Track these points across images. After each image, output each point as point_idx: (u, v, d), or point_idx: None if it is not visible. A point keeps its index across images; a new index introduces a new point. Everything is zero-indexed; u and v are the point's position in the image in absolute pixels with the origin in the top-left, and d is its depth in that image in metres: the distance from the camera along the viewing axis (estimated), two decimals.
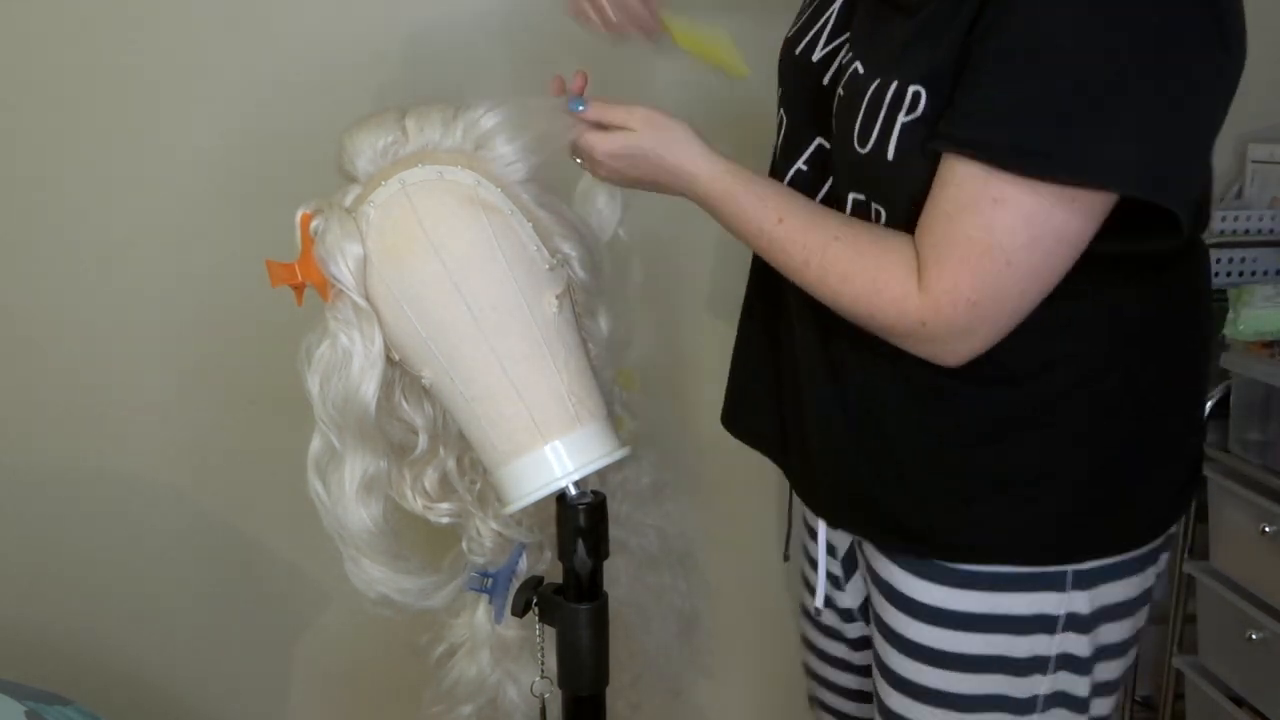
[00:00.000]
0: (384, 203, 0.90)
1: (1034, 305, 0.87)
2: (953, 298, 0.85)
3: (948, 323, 0.86)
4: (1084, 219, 0.84)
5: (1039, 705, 1.01)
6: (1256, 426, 1.57)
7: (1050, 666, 1.00)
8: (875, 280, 0.89)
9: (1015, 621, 0.98)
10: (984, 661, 1.00)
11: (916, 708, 1.03)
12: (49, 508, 1.72)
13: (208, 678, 1.82)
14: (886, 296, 0.88)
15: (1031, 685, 1.00)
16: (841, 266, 0.90)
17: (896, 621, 1.03)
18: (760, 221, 0.94)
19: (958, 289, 0.85)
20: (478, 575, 1.00)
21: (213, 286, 1.65)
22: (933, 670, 1.01)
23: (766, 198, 0.95)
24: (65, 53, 1.57)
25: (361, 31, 1.62)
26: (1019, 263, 0.84)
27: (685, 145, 0.96)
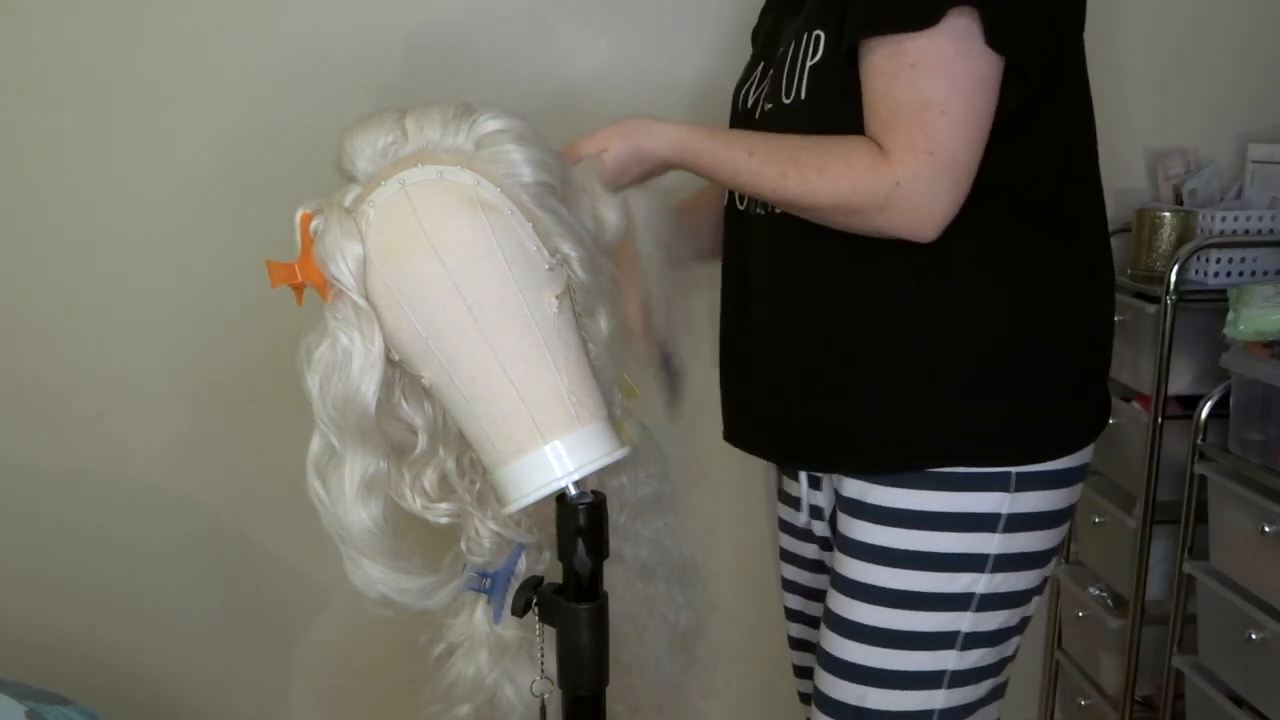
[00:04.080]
0: (384, 203, 0.90)
1: (979, 149, 1.00)
2: (913, 152, 0.98)
3: (915, 175, 0.98)
4: (982, 58, 0.98)
5: (974, 603, 1.12)
6: (1256, 426, 1.57)
7: (989, 565, 1.11)
8: (847, 160, 1.01)
9: (962, 519, 1.10)
10: (928, 558, 1.10)
11: (860, 607, 1.13)
12: (49, 508, 1.72)
13: (208, 678, 1.82)
14: (860, 169, 1.00)
15: (969, 582, 1.11)
16: (816, 161, 1.02)
17: (848, 526, 1.14)
18: (734, 161, 1.06)
19: (913, 144, 0.98)
20: (476, 575, 1.00)
21: (213, 286, 1.66)
22: (875, 568, 1.12)
23: (732, 141, 1.09)
24: (65, 53, 1.58)
25: (362, 32, 1.62)
26: (951, 109, 0.98)
27: (650, 132, 1.08)
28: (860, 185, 1.01)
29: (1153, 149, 1.85)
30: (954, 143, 0.99)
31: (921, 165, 0.98)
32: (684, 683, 1.19)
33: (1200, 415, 1.65)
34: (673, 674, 1.16)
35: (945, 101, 0.98)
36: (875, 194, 1.00)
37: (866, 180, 1.00)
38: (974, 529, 1.10)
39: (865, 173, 1.00)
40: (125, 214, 1.64)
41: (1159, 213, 1.71)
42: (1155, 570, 1.76)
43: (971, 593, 1.11)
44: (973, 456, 1.10)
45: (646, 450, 1.08)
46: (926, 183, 0.99)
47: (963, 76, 0.98)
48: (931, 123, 0.98)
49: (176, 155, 1.62)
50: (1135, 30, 1.77)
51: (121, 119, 1.60)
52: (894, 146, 0.99)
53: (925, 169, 0.98)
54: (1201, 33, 1.78)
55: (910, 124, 0.98)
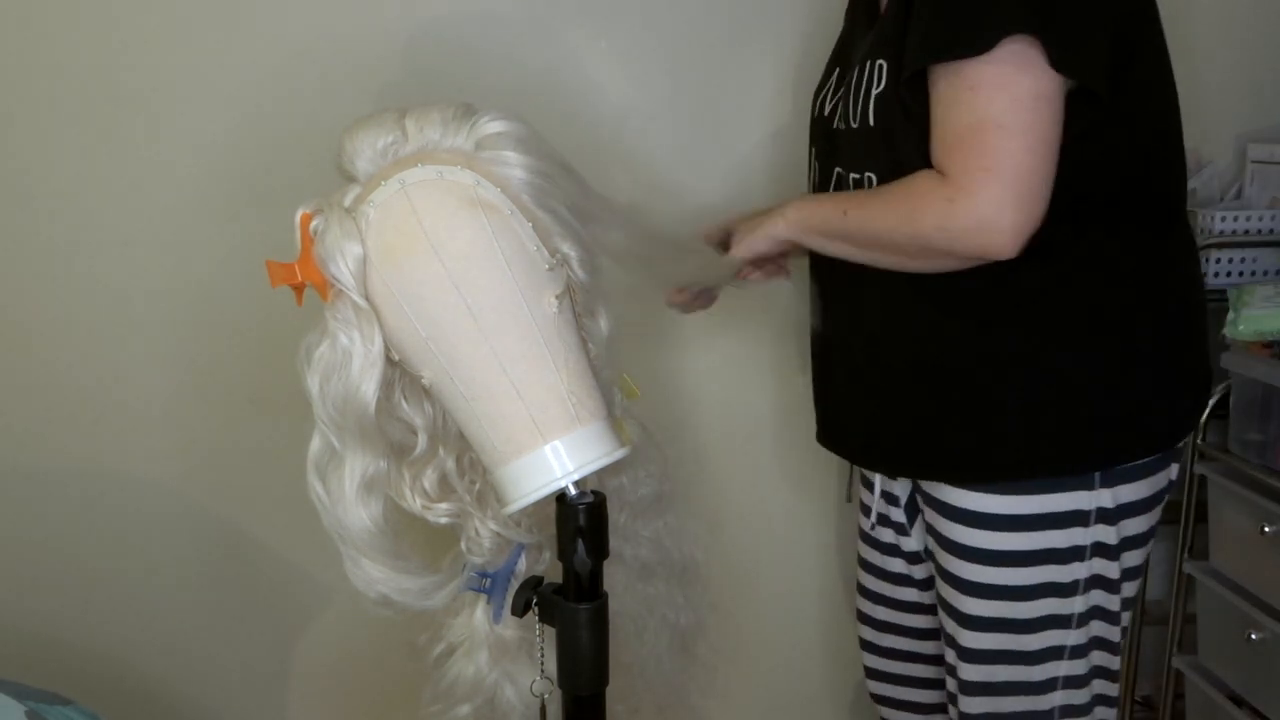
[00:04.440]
0: (384, 203, 0.90)
1: (1045, 163, 0.99)
2: (967, 171, 0.98)
3: (970, 193, 0.98)
4: (1044, 76, 0.97)
5: (1080, 588, 1.17)
6: (1256, 426, 1.57)
7: (1087, 554, 1.16)
8: (909, 190, 1.04)
9: (1055, 518, 1.14)
10: (1033, 555, 1.15)
11: (979, 604, 1.18)
12: (49, 507, 1.72)
13: (207, 677, 1.82)
14: (917, 194, 1.02)
15: (1073, 571, 1.16)
16: (880, 197, 1.07)
17: (952, 531, 1.18)
18: (833, 221, 1.12)
19: (968, 164, 0.98)
20: (476, 575, 1.00)
21: (213, 286, 1.66)
22: (989, 569, 1.16)
23: (822, 203, 1.16)
24: (65, 52, 1.57)
25: (362, 32, 1.62)
26: (1009, 123, 0.97)
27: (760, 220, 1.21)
28: (918, 209, 1.02)
29: None
30: (1014, 157, 0.97)
31: (976, 183, 0.98)
32: (684, 683, 1.19)
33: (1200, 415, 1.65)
34: (673, 674, 1.16)
35: (1003, 117, 0.97)
36: (932, 212, 1.01)
37: (923, 202, 1.01)
38: (1063, 525, 1.15)
39: (923, 195, 1.01)
40: (125, 214, 1.63)
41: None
42: (1155, 570, 1.76)
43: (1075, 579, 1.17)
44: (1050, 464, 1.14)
45: (646, 450, 1.08)
46: (985, 199, 0.98)
47: (1024, 92, 0.97)
48: (988, 140, 0.97)
49: (176, 155, 1.62)
50: None
51: (121, 119, 1.60)
52: (952, 169, 1.00)
53: (981, 186, 0.98)
54: (1202, 33, 1.78)
55: (966, 145, 0.98)
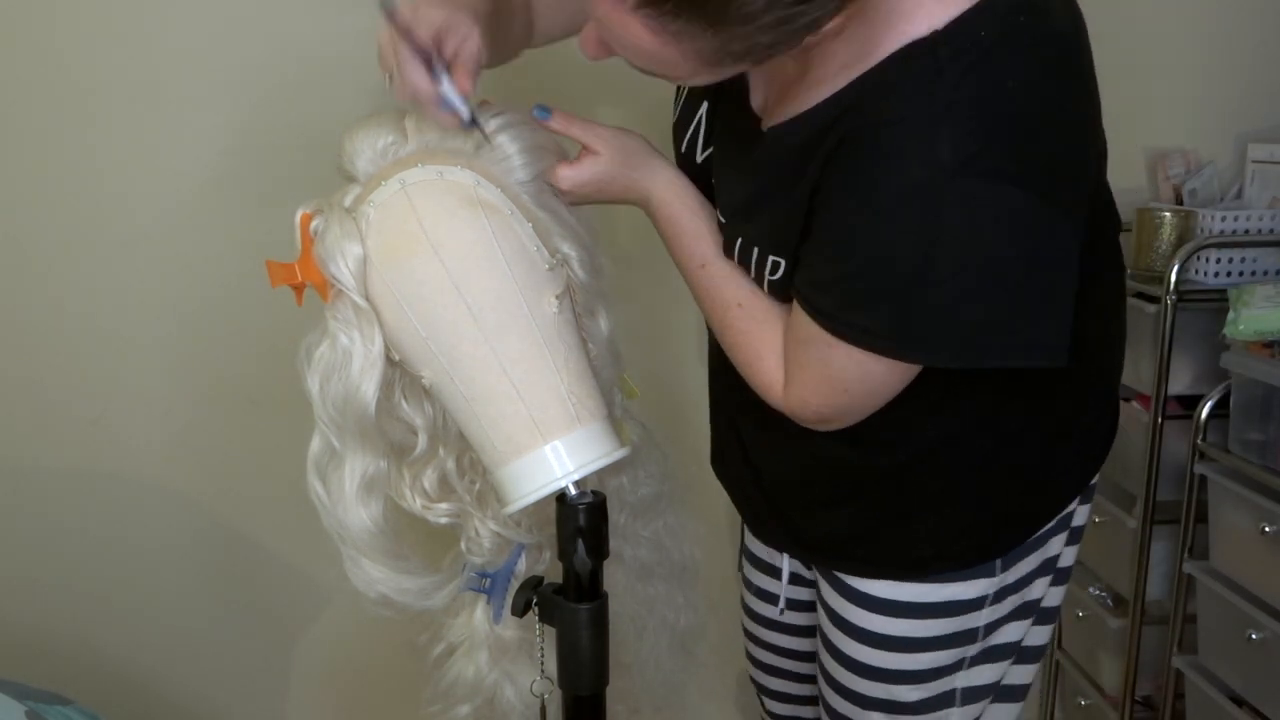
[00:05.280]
0: (384, 203, 0.90)
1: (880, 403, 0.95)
2: (803, 407, 0.97)
3: (805, 420, 0.99)
4: (909, 370, 0.92)
5: (966, 663, 1.13)
6: (1256, 426, 1.57)
7: (980, 634, 1.12)
8: (758, 357, 1.01)
9: (957, 605, 1.10)
10: (928, 642, 1.11)
11: (863, 683, 1.14)
12: (49, 508, 1.72)
13: (208, 677, 1.82)
14: (762, 378, 1.00)
15: (964, 651, 1.12)
16: (736, 332, 1.02)
17: (846, 611, 1.13)
18: (690, 258, 1.04)
19: (806, 404, 0.97)
20: (476, 575, 1.00)
21: (213, 286, 1.66)
22: (880, 653, 1.12)
23: (701, 237, 1.04)
24: (64, 52, 1.57)
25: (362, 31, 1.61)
26: (855, 392, 0.94)
27: (646, 166, 1.04)
28: (757, 385, 1.01)
29: (1153, 149, 1.85)
30: (847, 413, 0.97)
31: (810, 418, 0.98)
32: (684, 683, 1.19)
33: (1200, 415, 1.65)
34: (672, 674, 1.16)
35: (850, 385, 0.93)
36: (768, 394, 1.01)
37: (762, 388, 1.01)
38: (962, 612, 1.10)
39: (763, 384, 1.00)
40: (125, 214, 1.63)
41: (1159, 212, 1.71)
42: (1155, 570, 1.76)
43: (963, 657, 1.13)
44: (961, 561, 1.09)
45: (646, 450, 1.08)
46: (818, 425, 0.99)
47: (876, 373, 0.92)
48: (829, 395, 0.95)
49: (176, 155, 1.62)
50: (1135, 30, 1.77)
51: (121, 119, 1.60)
52: (790, 389, 0.98)
53: (815, 421, 0.98)
54: (1201, 33, 1.78)
55: (809, 386, 0.96)
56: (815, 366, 0.94)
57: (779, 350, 0.99)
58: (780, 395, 0.99)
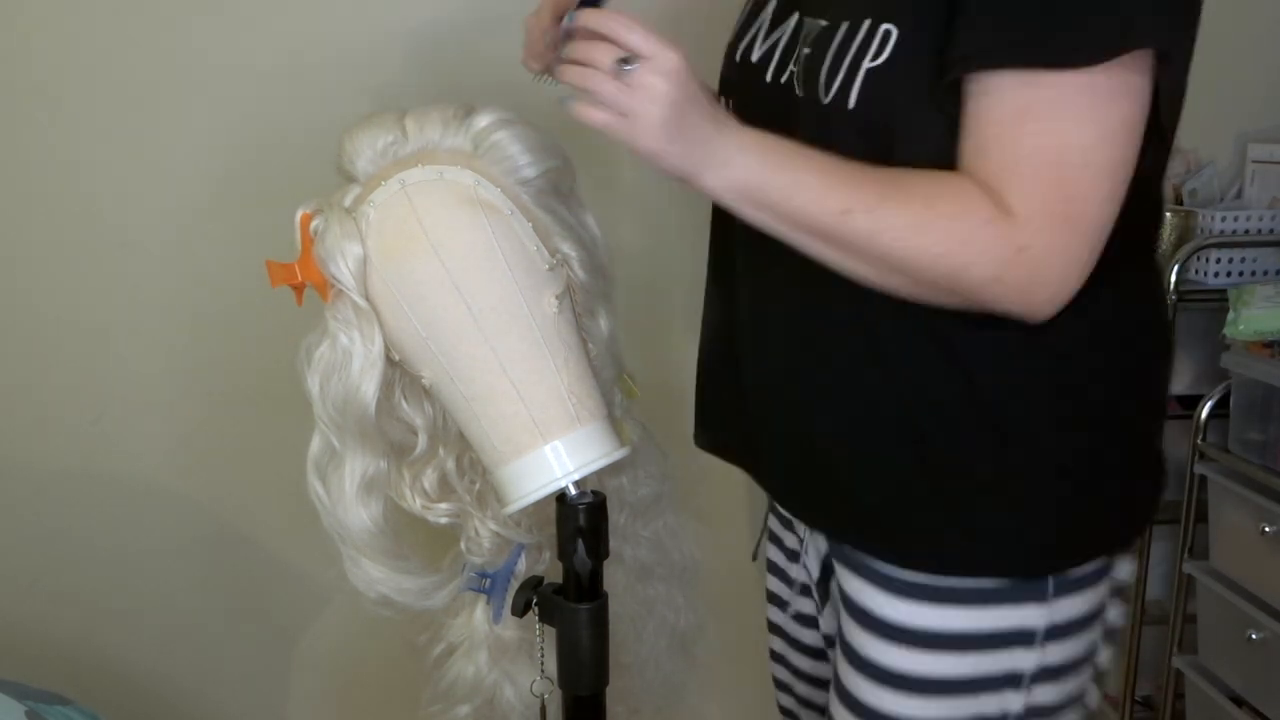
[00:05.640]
0: (384, 203, 0.90)
1: (1116, 211, 0.79)
2: (1046, 213, 0.76)
3: (1048, 245, 0.77)
4: (1141, 102, 0.78)
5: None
6: (1256, 426, 1.57)
7: (1026, 681, 0.94)
8: (961, 205, 0.78)
9: (993, 638, 0.92)
10: (956, 684, 0.93)
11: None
12: (49, 507, 1.72)
13: (208, 677, 1.82)
14: (975, 220, 0.77)
15: (1004, 702, 0.94)
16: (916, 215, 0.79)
17: (860, 642, 0.96)
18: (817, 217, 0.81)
19: (1048, 204, 0.76)
20: (476, 575, 1.00)
21: (212, 286, 1.66)
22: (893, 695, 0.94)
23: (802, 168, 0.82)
24: (64, 53, 1.57)
25: (362, 32, 1.62)
26: (1095, 160, 0.76)
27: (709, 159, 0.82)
28: (974, 242, 0.78)
29: None
30: (1098, 205, 0.77)
31: (1056, 232, 0.77)
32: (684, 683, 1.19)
33: (1200, 415, 1.65)
34: (672, 674, 1.16)
35: (1090, 151, 0.76)
36: (992, 258, 0.78)
37: (983, 238, 0.77)
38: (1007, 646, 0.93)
39: (982, 227, 0.77)
40: (125, 214, 1.63)
41: None
42: (1155, 570, 1.76)
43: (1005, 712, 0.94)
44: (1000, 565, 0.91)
45: (646, 450, 1.07)
46: (1060, 253, 0.78)
47: (1118, 124, 0.77)
48: (1070, 177, 0.76)
49: (176, 155, 1.62)
50: None
51: (121, 119, 1.60)
52: (1021, 204, 0.76)
53: (1060, 236, 0.77)
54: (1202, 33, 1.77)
55: (1043, 177, 0.76)
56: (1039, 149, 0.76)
57: (974, 188, 0.78)
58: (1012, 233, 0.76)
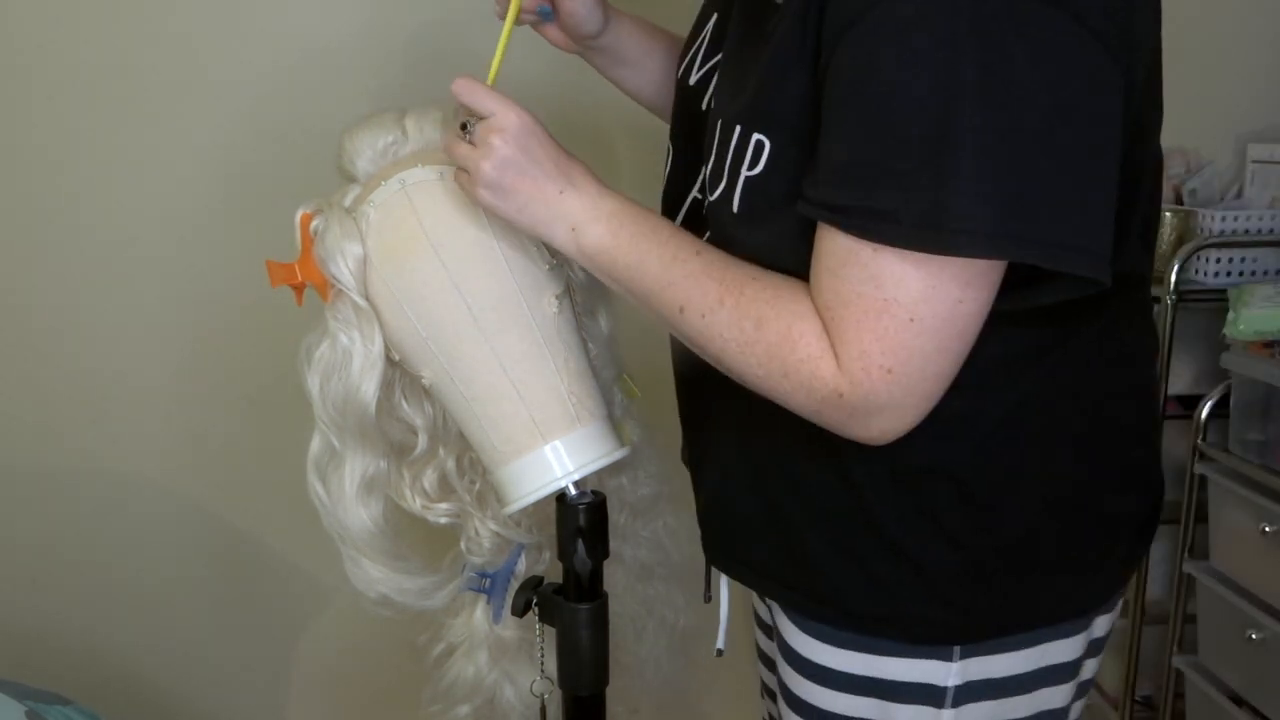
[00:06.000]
0: (384, 203, 0.90)
1: (963, 352, 0.74)
2: (864, 365, 0.73)
3: (866, 395, 0.73)
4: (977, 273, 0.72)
5: None
6: (1256, 426, 1.57)
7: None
8: (790, 331, 0.76)
9: (894, 688, 0.88)
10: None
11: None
12: (49, 507, 1.72)
13: (208, 677, 1.82)
14: (800, 352, 0.76)
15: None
16: (747, 332, 0.78)
17: (786, 676, 0.95)
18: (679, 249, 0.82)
19: (867, 355, 0.73)
20: (476, 575, 1.00)
21: (213, 286, 1.66)
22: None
23: (678, 231, 0.84)
24: (64, 52, 1.57)
25: (362, 32, 1.62)
26: (923, 317, 0.71)
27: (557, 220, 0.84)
28: (791, 376, 0.76)
29: None
30: (921, 360, 0.72)
31: (875, 384, 0.73)
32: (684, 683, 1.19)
33: (1200, 415, 1.65)
34: (672, 674, 1.16)
35: (915, 308, 0.71)
36: (808, 397, 0.76)
37: (801, 375, 0.75)
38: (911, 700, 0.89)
39: (802, 364, 0.75)
40: (125, 214, 1.63)
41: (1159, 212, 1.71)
42: (1155, 570, 1.76)
43: None
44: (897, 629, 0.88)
45: (646, 450, 1.07)
46: (880, 405, 0.74)
47: (940, 284, 0.71)
48: (893, 330, 0.71)
49: (176, 155, 1.62)
50: None
51: (121, 119, 1.60)
52: (842, 348, 0.73)
53: (880, 389, 0.73)
54: (1201, 33, 1.77)
55: (864, 326, 0.72)
56: (862, 297, 0.72)
57: (814, 314, 0.75)
58: (831, 377, 0.74)
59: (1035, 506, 0.87)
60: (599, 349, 0.99)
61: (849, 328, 0.73)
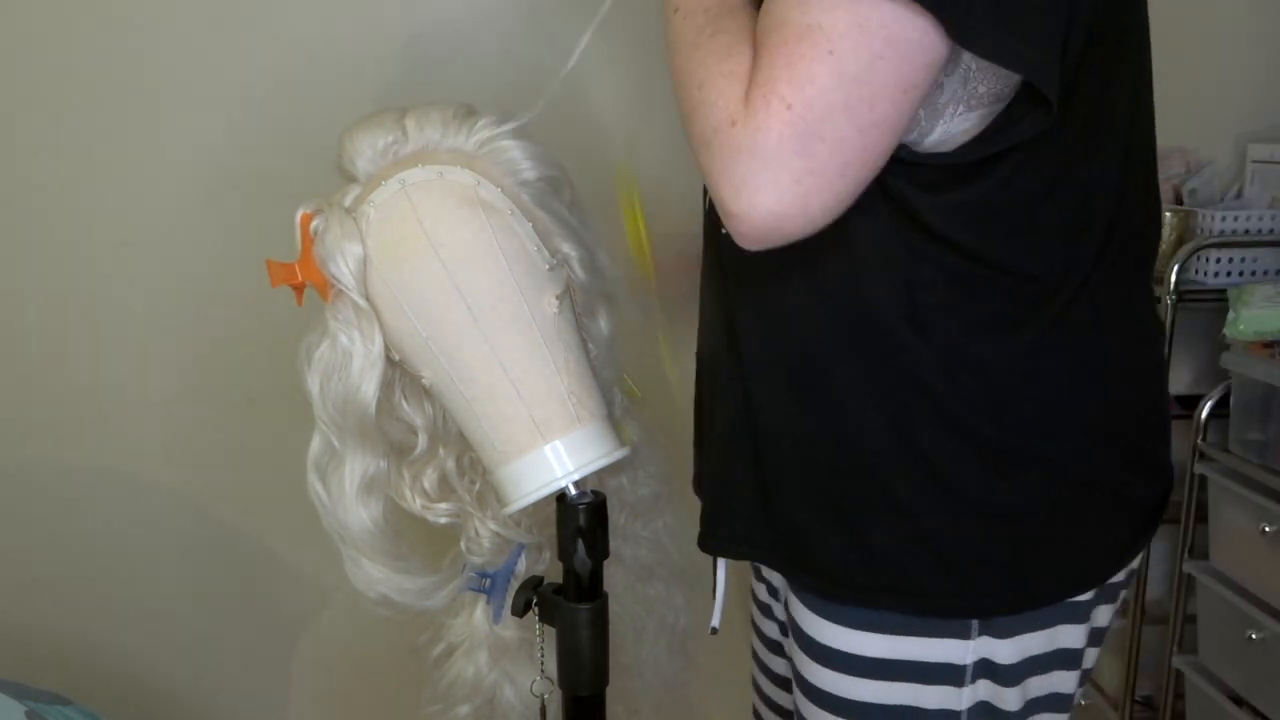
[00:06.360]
0: (384, 203, 0.90)
1: (860, 148, 0.68)
2: (766, 92, 0.66)
3: (755, 129, 0.66)
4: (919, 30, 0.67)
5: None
6: (1256, 426, 1.57)
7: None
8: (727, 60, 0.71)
9: (917, 669, 0.87)
10: (888, 712, 0.89)
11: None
12: (49, 508, 1.72)
13: (208, 678, 1.82)
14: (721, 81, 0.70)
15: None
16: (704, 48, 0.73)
17: (803, 666, 0.93)
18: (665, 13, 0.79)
19: (772, 81, 0.66)
20: (476, 575, 1.00)
21: (213, 286, 1.66)
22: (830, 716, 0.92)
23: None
24: (65, 52, 1.57)
25: (361, 31, 1.62)
26: (843, 53, 0.65)
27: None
28: (707, 87, 0.71)
29: None
30: (827, 105, 0.66)
31: (769, 116, 0.66)
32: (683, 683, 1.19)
33: (1200, 415, 1.65)
34: (672, 675, 1.16)
35: (838, 41, 0.66)
36: (710, 116, 0.70)
37: (714, 89, 0.70)
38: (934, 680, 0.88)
39: (720, 78, 0.70)
40: (125, 213, 1.63)
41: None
42: (1155, 570, 1.76)
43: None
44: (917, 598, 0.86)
45: (646, 450, 1.08)
46: (765, 145, 0.67)
47: (875, 24, 0.66)
48: (808, 57, 0.66)
49: (176, 155, 1.62)
50: None
51: (121, 119, 1.60)
52: (754, 75, 0.68)
53: (772, 124, 0.66)
54: (1201, 33, 1.78)
55: (780, 51, 0.67)
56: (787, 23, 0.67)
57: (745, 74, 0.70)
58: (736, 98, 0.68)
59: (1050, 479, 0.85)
60: (599, 349, 0.99)
61: (766, 53, 0.68)
